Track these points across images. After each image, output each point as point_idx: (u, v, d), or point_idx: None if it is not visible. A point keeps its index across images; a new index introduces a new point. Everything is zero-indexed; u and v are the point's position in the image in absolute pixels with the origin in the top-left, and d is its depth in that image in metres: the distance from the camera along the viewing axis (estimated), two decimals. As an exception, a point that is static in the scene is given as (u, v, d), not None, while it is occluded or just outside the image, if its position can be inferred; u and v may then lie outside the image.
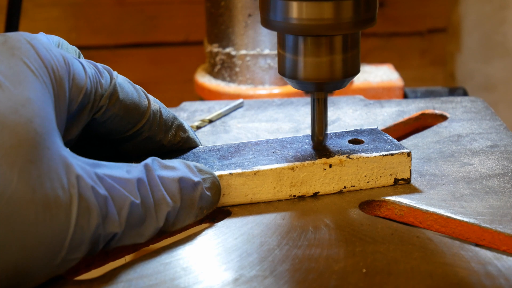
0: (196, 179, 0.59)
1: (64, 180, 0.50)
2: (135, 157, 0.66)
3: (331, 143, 0.69)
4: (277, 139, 0.70)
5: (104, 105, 0.59)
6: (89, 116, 0.59)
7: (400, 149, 0.67)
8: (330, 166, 0.65)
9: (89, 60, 0.60)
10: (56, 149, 0.50)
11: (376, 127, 0.73)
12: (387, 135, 0.70)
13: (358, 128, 0.72)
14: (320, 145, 0.68)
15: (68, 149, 0.52)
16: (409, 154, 0.67)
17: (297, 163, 0.65)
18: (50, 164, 0.49)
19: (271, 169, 0.64)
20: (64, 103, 0.54)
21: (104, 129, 0.62)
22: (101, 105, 0.59)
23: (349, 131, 0.72)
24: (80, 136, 0.62)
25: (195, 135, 0.70)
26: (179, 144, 0.67)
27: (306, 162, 0.65)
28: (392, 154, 0.66)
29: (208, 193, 0.60)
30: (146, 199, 0.55)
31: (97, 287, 0.52)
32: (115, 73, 0.61)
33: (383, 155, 0.66)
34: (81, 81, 0.56)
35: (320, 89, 0.65)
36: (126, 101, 0.61)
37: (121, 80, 0.61)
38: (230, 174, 0.63)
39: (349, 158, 0.65)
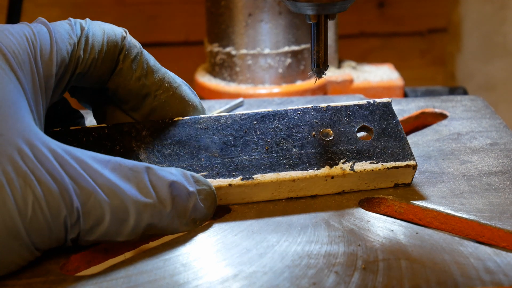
0: (191, 188, 0.59)
1: (20, 163, 0.51)
2: (135, 157, 0.65)
3: (339, 131, 0.66)
4: (283, 120, 0.66)
5: (80, 56, 0.60)
6: (73, 76, 0.60)
7: (407, 160, 0.65)
8: (332, 177, 0.64)
9: (62, 21, 0.61)
10: (11, 135, 0.52)
11: (390, 100, 0.68)
12: (398, 123, 0.67)
13: (371, 101, 0.68)
14: (321, 74, 0.65)
15: (40, 133, 0.53)
16: (414, 167, 0.65)
17: (298, 175, 0.63)
18: (1, 150, 0.51)
19: (271, 180, 0.63)
20: (35, 82, 0.56)
21: (93, 78, 0.63)
22: (77, 57, 0.60)
23: (361, 106, 0.67)
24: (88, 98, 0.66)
25: (195, 95, 0.68)
26: (169, 92, 0.65)
27: (308, 175, 0.63)
28: (397, 167, 0.65)
29: (202, 204, 0.59)
30: (125, 197, 0.55)
31: (97, 282, 0.53)
32: (86, 22, 0.62)
33: (388, 168, 0.64)
34: (48, 55, 0.57)
35: (319, 11, 0.63)
36: (99, 44, 0.62)
37: (92, 28, 0.62)
38: (229, 185, 0.63)
39: (353, 170, 0.64)
